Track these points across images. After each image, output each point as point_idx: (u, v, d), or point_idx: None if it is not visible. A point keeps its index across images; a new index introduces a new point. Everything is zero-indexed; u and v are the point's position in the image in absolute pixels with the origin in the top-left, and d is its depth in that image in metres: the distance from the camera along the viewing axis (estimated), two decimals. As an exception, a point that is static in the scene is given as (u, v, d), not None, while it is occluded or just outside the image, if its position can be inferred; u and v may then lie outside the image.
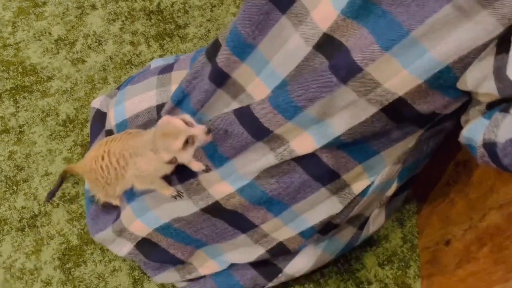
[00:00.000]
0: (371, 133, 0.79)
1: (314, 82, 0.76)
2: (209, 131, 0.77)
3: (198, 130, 0.76)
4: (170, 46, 1.41)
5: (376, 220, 0.97)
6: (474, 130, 0.69)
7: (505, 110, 0.63)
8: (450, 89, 0.71)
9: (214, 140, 0.88)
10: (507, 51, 0.60)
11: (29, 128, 1.24)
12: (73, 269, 1.08)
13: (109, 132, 1.07)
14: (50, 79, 1.32)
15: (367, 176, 0.86)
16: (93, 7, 1.44)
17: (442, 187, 1.08)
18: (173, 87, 1.04)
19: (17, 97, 1.29)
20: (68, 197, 1.15)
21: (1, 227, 1.11)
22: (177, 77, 1.05)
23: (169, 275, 1.03)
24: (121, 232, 0.97)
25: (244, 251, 0.99)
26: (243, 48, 0.84)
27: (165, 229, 0.95)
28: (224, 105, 0.91)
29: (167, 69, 1.10)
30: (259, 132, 0.84)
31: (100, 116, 1.15)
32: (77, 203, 1.15)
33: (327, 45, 0.75)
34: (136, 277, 1.08)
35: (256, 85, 0.87)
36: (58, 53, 1.36)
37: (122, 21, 1.43)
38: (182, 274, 1.03)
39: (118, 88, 1.21)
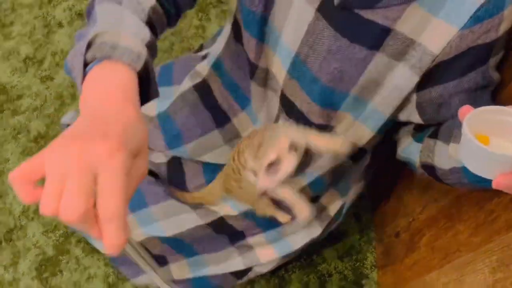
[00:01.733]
0: (342, 173, 0.87)
1: None
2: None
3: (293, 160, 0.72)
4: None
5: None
6: (409, 151, 0.76)
7: (434, 136, 0.68)
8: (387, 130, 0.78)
9: None
10: (424, 88, 0.66)
11: (1, 145, 1.29)
12: (50, 278, 1.13)
13: None
14: (20, 97, 1.37)
15: (340, 197, 0.94)
16: (60, 25, 1.49)
17: (392, 183, 1.17)
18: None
19: (-12, 117, 1.33)
20: (42, 210, 1.21)
21: (-22, 242, 1.16)
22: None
23: (148, 277, 1.09)
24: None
25: (226, 265, 1.05)
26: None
27: (168, 239, 0.99)
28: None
29: None
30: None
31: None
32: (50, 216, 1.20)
33: (286, 103, 0.80)
34: (111, 283, 1.14)
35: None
36: (27, 71, 1.41)
37: (89, 37, 1.48)
38: (159, 274, 1.09)
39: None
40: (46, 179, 0.37)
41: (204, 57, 1.05)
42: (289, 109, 0.81)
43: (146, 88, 0.57)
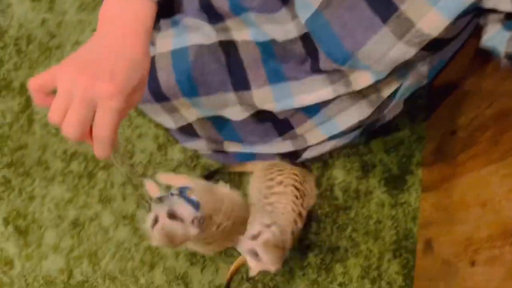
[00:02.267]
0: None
1: (358, 24, 0.74)
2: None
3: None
4: None
5: (394, 109, 0.98)
6: (495, 40, 0.69)
7: None
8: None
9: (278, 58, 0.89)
10: None
11: (60, -3, 1.28)
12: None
13: None
14: (78, -50, 1.32)
15: (396, 78, 0.87)
16: None
17: (457, 80, 1.11)
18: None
19: (47, -34, 1.30)
20: (98, 66, 1.22)
21: (37, 88, 1.20)
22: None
23: (198, 144, 1.11)
24: (171, 112, 1.04)
25: (274, 146, 1.06)
26: None
27: (215, 117, 1.00)
28: (284, 21, 0.88)
29: None
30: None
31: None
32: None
33: None
34: (161, 143, 1.18)
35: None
36: None
37: None
38: (210, 146, 1.11)
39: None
40: (57, 92, 0.49)
41: None
42: None
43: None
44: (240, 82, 0.94)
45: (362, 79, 0.84)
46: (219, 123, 1.04)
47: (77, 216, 1.10)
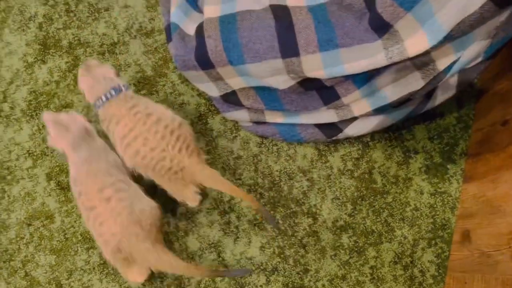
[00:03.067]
0: (478, 24, 0.76)
1: None
2: None
3: None
4: None
5: (446, 90, 0.95)
6: None
7: None
8: None
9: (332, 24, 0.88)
10: None
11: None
12: (147, 96, 1.18)
13: None
14: None
15: (454, 51, 0.83)
16: None
17: (505, 69, 1.07)
18: None
19: None
20: (145, 31, 1.22)
21: (85, 49, 1.21)
22: None
23: (240, 114, 1.11)
24: (216, 80, 1.03)
25: (317, 115, 1.05)
26: None
27: (261, 88, 1.00)
28: None
29: None
30: (379, 27, 0.82)
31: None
32: (152, 38, 1.21)
33: None
34: (202, 112, 1.18)
35: None
36: None
37: None
38: (251, 116, 1.11)
39: None
40: None
41: None
42: None
43: None
44: (289, 48, 0.92)
45: (418, 44, 0.81)
46: (264, 91, 1.04)
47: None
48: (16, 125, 1.15)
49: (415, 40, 0.81)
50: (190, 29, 1.10)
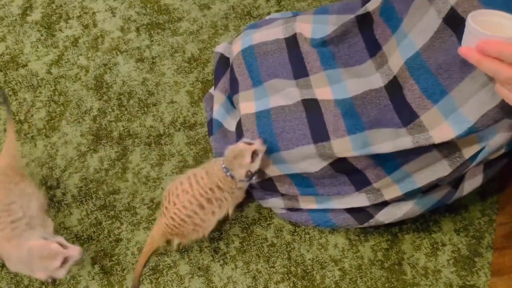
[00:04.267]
0: (500, 117, 0.84)
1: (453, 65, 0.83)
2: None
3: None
4: (286, 3, 1.52)
5: (473, 181, 1.04)
6: None
7: None
8: None
9: (359, 113, 0.99)
10: None
11: (160, 60, 1.43)
12: (187, 184, 1.27)
13: (231, 63, 1.21)
14: (180, 20, 1.49)
15: (478, 142, 0.92)
16: (222, -42, 1.58)
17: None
18: (297, 24, 1.15)
19: (152, 32, 1.47)
20: (188, 124, 1.34)
21: (133, 139, 1.32)
22: (301, 19, 1.17)
23: (274, 201, 1.19)
24: None
25: (349, 200, 1.12)
26: (394, 22, 0.93)
27: (294, 175, 1.09)
28: (367, 74, 1.01)
29: (290, 18, 1.22)
30: (406, 118, 0.93)
31: (224, 60, 1.31)
32: (195, 130, 1.33)
33: (453, 19, 0.82)
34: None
35: (395, 56, 0.95)
36: (188, -3, 1.52)
37: (247, -26, 1.56)
38: (286, 203, 1.18)
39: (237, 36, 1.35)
40: None
41: (367, 1, 1.10)
42: (456, 25, 0.82)
43: None
44: (320, 135, 1.03)
45: (443, 133, 0.89)
46: (297, 177, 1.12)
47: (157, 263, 1.18)
48: (66, 210, 1.23)
49: (440, 130, 0.89)
50: (232, 126, 1.22)
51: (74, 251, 0.90)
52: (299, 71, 1.13)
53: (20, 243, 0.91)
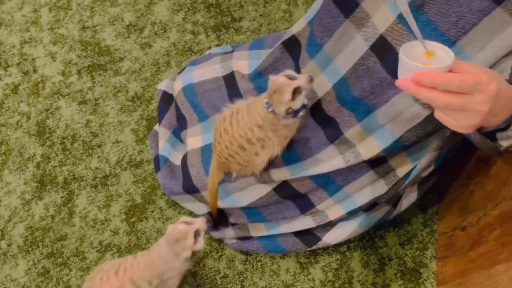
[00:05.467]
0: (423, 134, 0.91)
1: (371, 83, 0.88)
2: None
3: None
4: (226, 37, 1.57)
5: (409, 198, 1.12)
6: None
7: None
8: None
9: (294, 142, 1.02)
10: None
11: (103, 101, 1.44)
12: (136, 223, 1.27)
13: (175, 101, 1.24)
14: (121, 60, 1.51)
15: (411, 161, 0.99)
16: (160, -3, 1.62)
17: (463, 179, 1.21)
18: (234, 62, 1.20)
19: (94, 74, 1.48)
20: (134, 162, 1.35)
21: (79, 183, 1.32)
22: (237, 56, 1.21)
23: (225, 232, 1.20)
24: (203, 202, 1.15)
25: (296, 223, 1.15)
26: (313, 47, 0.98)
27: (241, 207, 1.12)
28: None
29: (227, 53, 1.27)
30: (332, 135, 0.97)
31: (167, 97, 1.33)
32: (141, 168, 1.34)
33: (380, 46, 0.86)
34: (189, 235, 1.26)
35: (320, 81, 0.99)
36: (129, 37, 1.55)
37: (185, 12, 1.60)
38: (236, 233, 1.20)
39: (180, 73, 1.39)
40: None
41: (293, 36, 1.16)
42: (383, 52, 0.86)
43: None
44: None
45: (369, 148, 0.95)
46: (246, 207, 1.14)
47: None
48: (13, 261, 1.21)
49: (366, 145, 0.95)
50: (178, 160, 1.24)
51: (199, 223, 0.94)
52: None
53: None
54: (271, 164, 1.03)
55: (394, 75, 0.83)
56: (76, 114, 1.42)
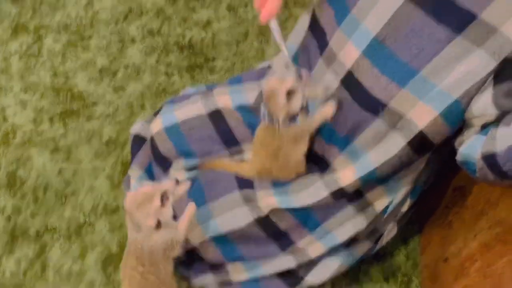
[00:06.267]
0: (399, 167, 0.91)
1: (349, 117, 0.89)
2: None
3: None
4: (200, 77, 1.58)
5: (390, 233, 1.11)
6: (472, 146, 0.80)
7: (497, 125, 0.74)
8: (457, 121, 0.82)
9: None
10: (503, 82, 0.72)
11: (77, 148, 1.41)
12: (113, 273, 1.22)
13: (151, 140, 1.22)
14: (95, 104, 1.49)
15: (387, 196, 1.00)
16: (133, 41, 1.63)
17: (442, 210, 1.21)
18: (216, 98, 1.19)
19: (66, 120, 1.46)
20: (110, 209, 1.31)
21: (52, 234, 1.27)
22: (218, 92, 1.20)
23: (206, 278, 1.16)
24: None
25: (277, 263, 1.12)
26: None
27: (220, 239, 1.07)
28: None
29: (207, 91, 1.26)
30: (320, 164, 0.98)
31: (139, 140, 1.31)
32: (117, 215, 1.30)
33: (350, 82, 0.88)
34: (168, 282, 1.22)
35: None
36: (102, 81, 1.54)
37: (158, 54, 1.61)
38: (216, 278, 1.16)
39: (155, 114, 1.38)
40: None
41: (269, 67, 1.17)
42: (353, 88, 0.87)
43: None
44: (246, 182, 1.04)
45: (347, 175, 0.95)
46: (222, 243, 1.11)
47: None
48: (-19, 323, 1.15)
49: (345, 172, 0.95)
50: None
51: (168, 184, 0.80)
52: (229, 140, 1.16)
53: None
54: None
55: (366, 108, 0.85)
56: (48, 162, 1.38)
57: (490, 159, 0.73)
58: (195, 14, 1.70)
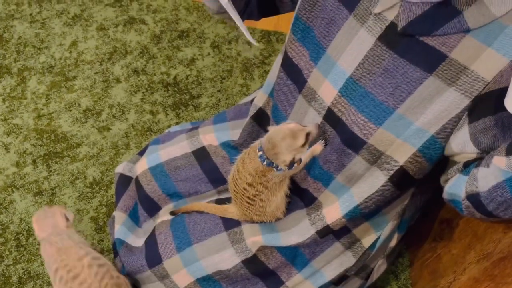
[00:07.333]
0: (382, 202, 0.91)
1: (333, 153, 0.91)
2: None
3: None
4: (185, 114, 1.58)
5: (379, 269, 1.10)
6: (456, 185, 0.80)
7: (478, 165, 0.74)
8: (436, 157, 0.82)
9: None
10: (478, 119, 0.73)
11: (60, 190, 1.39)
12: (98, 321, 1.18)
13: (136, 181, 1.20)
14: (79, 146, 1.48)
15: (374, 231, 1.00)
16: (117, 80, 1.63)
17: (430, 242, 1.21)
18: (202, 137, 1.19)
19: (50, 162, 1.44)
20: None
21: (35, 281, 1.23)
22: (203, 131, 1.20)
23: None
24: (163, 278, 1.08)
25: None
26: (279, 119, 1.00)
27: (206, 280, 1.05)
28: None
29: (192, 130, 1.26)
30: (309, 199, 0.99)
31: (124, 179, 1.30)
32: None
33: (332, 118, 0.89)
34: (155, 328, 1.18)
35: None
36: (86, 122, 1.54)
37: (143, 92, 1.62)
38: None
39: (140, 153, 1.37)
40: None
41: (252, 101, 1.18)
42: (335, 125, 0.88)
43: None
44: (231, 222, 1.03)
45: (332, 213, 0.95)
46: (207, 282, 1.08)
47: None
48: None
49: (330, 209, 0.95)
50: (136, 242, 1.18)
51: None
52: (216, 179, 1.15)
53: None
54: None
55: (347, 145, 0.87)
56: (31, 206, 1.36)
57: (474, 199, 0.74)
58: (179, 52, 1.72)
